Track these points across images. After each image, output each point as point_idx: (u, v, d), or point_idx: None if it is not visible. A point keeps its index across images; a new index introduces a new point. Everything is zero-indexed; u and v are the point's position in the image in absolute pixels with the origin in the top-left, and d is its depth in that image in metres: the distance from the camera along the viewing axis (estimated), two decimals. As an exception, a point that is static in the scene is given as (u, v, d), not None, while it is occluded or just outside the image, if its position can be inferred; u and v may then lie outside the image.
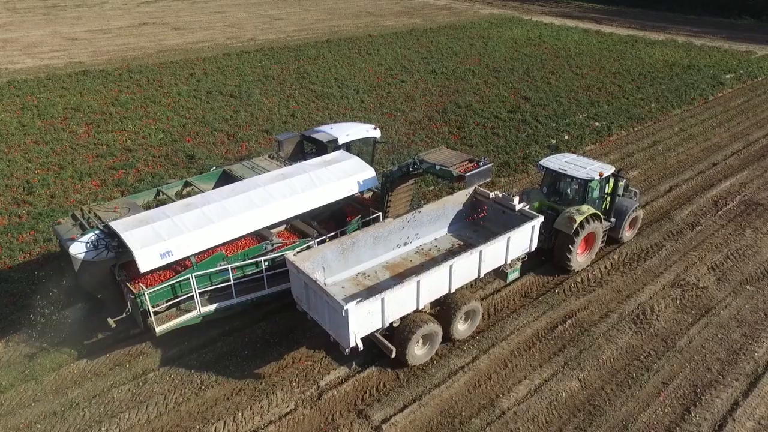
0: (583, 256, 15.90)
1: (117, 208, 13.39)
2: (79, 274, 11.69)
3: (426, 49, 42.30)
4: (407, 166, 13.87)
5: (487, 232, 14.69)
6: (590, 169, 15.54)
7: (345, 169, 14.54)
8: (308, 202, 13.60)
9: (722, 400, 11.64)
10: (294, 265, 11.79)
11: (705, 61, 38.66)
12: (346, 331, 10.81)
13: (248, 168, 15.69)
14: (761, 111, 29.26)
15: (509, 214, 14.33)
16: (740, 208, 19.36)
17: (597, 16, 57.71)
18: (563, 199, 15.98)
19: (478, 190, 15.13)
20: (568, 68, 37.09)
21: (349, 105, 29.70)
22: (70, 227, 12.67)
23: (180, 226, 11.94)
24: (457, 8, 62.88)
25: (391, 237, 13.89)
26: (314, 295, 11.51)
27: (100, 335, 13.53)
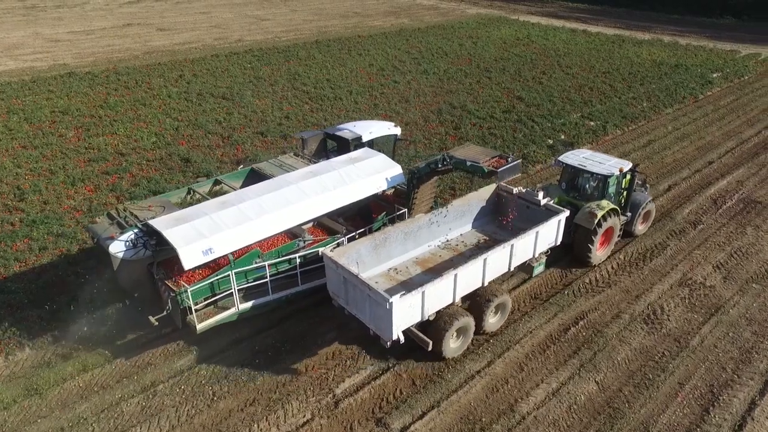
0: (602, 250, 16.12)
1: (151, 206, 13.37)
2: (118, 272, 11.82)
3: (416, 49, 42.19)
4: (435, 162, 14.17)
5: (511, 227, 15.06)
6: (609, 165, 15.81)
7: (373, 166, 14.76)
8: (340, 199, 13.76)
9: (740, 400, 11.67)
10: (332, 260, 11.97)
11: (692, 60, 39.13)
12: (389, 324, 11.03)
13: (276, 166, 15.84)
14: (750, 109, 29.66)
15: (533, 209, 14.67)
16: (739, 206, 19.55)
17: (582, 16, 58.16)
18: (582, 195, 16.16)
19: (502, 186, 15.47)
20: (558, 68, 37.25)
21: (343, 106, 29.45)
22: (107, 226, 12.65)
23: (219, 224, 12.00)
24: (443, 8, 62.91)
25: (420, 233, 14.19)
26: (354, 290, 11.68)
27: (103, 348, 13.13)
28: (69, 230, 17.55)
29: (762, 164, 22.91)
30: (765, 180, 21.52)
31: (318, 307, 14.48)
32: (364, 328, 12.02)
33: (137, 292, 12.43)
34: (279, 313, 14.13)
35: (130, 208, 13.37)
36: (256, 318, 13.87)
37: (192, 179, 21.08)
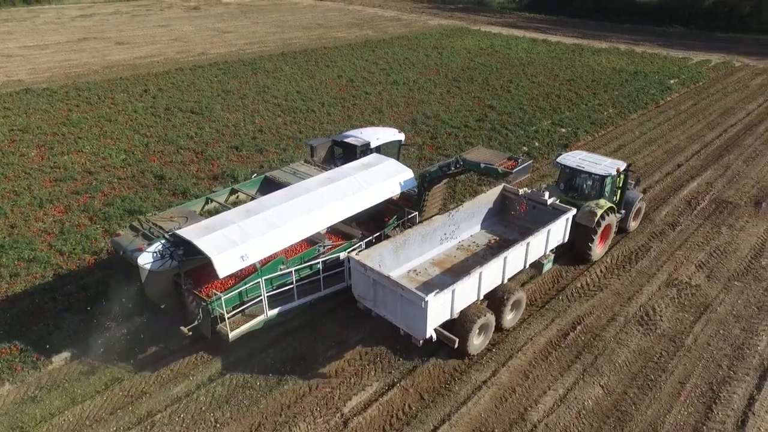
0: (601, 246, 16.75)
1: (173, 217, 13.36)
2: (146, 284, 11.84)
3: (383, 60, 42.35)
4: (448, 165, 14.67)
5: (517, 228, 15.83)
6: (605, 165, 16.47)
7: (386, 171, 15.12)
8: (359, 204, 14.01)
9: (739, 396, 11.98)
10: (360, 263, 12.34)
11: (649, 68, 40.64)
12: (423, 322, 11.43)
13: (290, 173, 16.11)
14: (709, 113, 30.95)
15: (540, 208, 15.35)
16: (712, 206, 20.27)
17: (541, 26, 59.71)
18: (580, 194, 16.69)
19: (507, 188, 16.25)
20: (524, 76, 38.03)
21: (316, 118, 29.20)
22: (132, 238, 12.53)
23: (248, 231, 12.07)
24: (405, 19, 63.50)
25: (435, 234, 14.71)
26: (384, 291, 12.02)
27: (92, 377, 12.45)
28: (42, 254, 16.64)
29: (727, 166, 23.87)
30: (732, 181, 22.41)
31: (313, 324, 14.19)
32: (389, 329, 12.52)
33: (164, 303, 12.39)
34: (274, 332, 13.76)
35: (152, 220, 13.26)
36: (251, 339, 13.46)
37: (168, 196, 20.45)
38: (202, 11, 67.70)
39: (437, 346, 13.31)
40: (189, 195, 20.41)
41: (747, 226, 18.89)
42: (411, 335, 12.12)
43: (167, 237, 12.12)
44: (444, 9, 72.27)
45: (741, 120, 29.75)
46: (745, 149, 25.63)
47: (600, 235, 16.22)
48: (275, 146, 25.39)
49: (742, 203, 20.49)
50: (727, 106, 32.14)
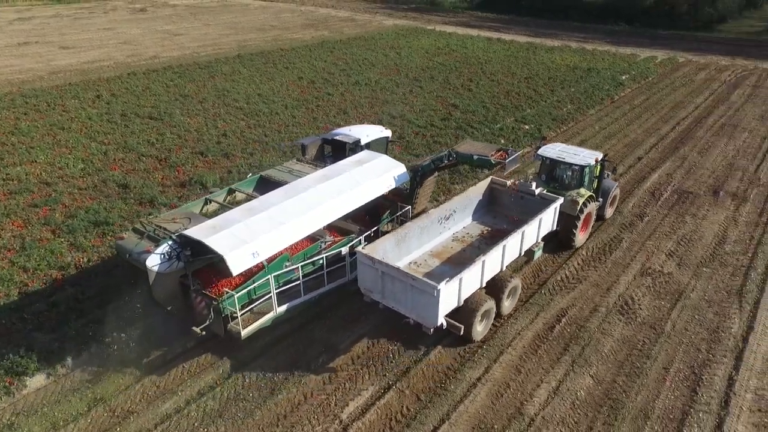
0: (583, 233, 17.50)
1: (176, 218, 13.28)
2: (154, 287, 11.78)
3: (342, 61, 42.14)
4: (440, 159, 15.31)
5: (506, 218, 16.42)
6: (584, 156, 17.16)
7: (380, 167, 15.43)
8: (358, 199, 14.25)
9: (720, 377, 12.51)
10: (369, 257, 12.55)
11: (601, 64, 42.02)
12: (435, 310, 11.77)
13: (285, 172, 16.23)
14: (662, 107, 32.27)
15: (528, 198, 15.99)
16: (674, 197, 21.13)
17: (494, 25, 60.81)
18: (561, 185, 17.24)
19: (495, 180, 16.89)
20: (483, 75, 38.62)
21: (281, 121, 28.75)
22: (137, 241, 12.40)
23: (255, 229, 12.12)
24: (360, 20, 63.40)
25: (432, 227, 15.09)
26: (393, 283, 12.26)
27: (73, 398, 11.84)
28: (3, 272, 15.69)
29: (683, 157, 24.93)
30: (689, 171, 23.43)
31: (301, 331, 13.97)
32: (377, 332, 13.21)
33: (170, 305, 12.30)
34: (262, 341, 13.47)
35: (155, 222, 13.12)
36: (240, 350, 13.14)
37: (134, 206, 19.71)
38: (149, 13, 65.59)
39: (429, 345, 13.36)
40: (157, 203, 19.74)
41: (708, 214, 19.78)
42: (421, 324, 12.36)
43: (174, 238, 12.03)
44: (397, 9, 72.58)
45: (691, 113, 31.15)
46: (698, 141, 26.84)
47: (582, 223, 16.92)
48: (241, 150, 24.85)
49: (702, 193, 21.45)
50: (677, 100, 33.60)
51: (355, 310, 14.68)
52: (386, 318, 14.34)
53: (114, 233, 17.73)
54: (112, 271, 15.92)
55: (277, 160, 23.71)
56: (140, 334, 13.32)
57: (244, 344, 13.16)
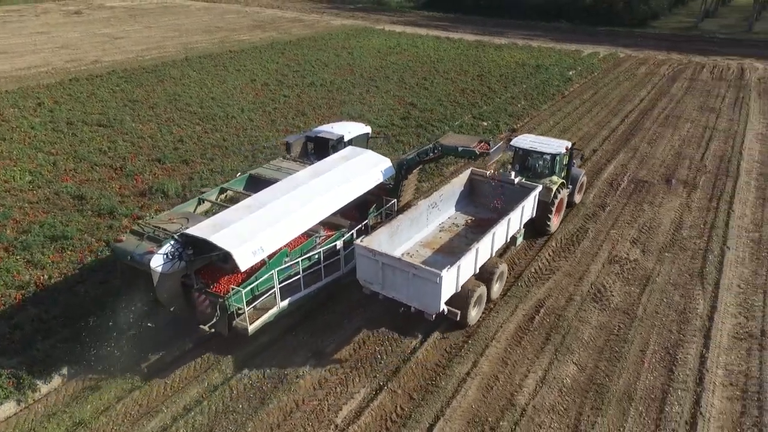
0: (556, 219, 18.30)
1: (173, 219, 13.14)
2: (158, 288, 11.65)
3: (294, 62, 41.68)
4: (425, 152, 15.92)
5: (487, 208, 17.04)
6: (555, 145, 17.90)
7: (368, 162, 15.84)
8: (349, 194, 14.59)
9: (692, 356, 13.15)
10: (368, 249, 12.92)
11: (548, 61, 43.30)
12: (437, 297, 12.23)
13: (274, 170, 16.37)
14: (609, 101, 33.59)
15: (508, 187, 16.72)
16: (631, 186, 22.04)
17: (441, 24, 61.60)
18: (534, 173, 17.91)
19: (475, 171, 17.54)
20: (436, 73, 39.06)
21: (238, 125, 28.14)
22: (137, 242, 12.15)
23: (257, 226, 12.25)
24: (307, 20, 62.85)
25: (421, 218, 15.65)
26: (394, 273, 12.64)
27: (46, 425, 11.19)
28: (-44, 294, 14.68)
29: (635, 148, 26.04)
30: (642, 162, 24.50)
31: (284, 337, 13.74)
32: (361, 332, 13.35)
33: (173, 305, 12.18)
34: (246, 350, 13.19)
35: (152, 223, 12.96)
36: (224, 360, 12.81)
37: (93, 218, 18.83)
38: (85, 16, 62.86)
39: (415, 343, 13.42)
40: (117, 214, 18.94)
41: (664, 202, 20.74)
42: (423, 311, 12.84)
43: (176, 238, 11.93)
44: (344, 9, 72.40)
45: (636, 106, 32.57)
46: (646, 132, 28.10)
47: (555, 209, 17.72)
48: (201, 156, 24.17)
49: (656, 181, 22.47)
50: (623, 94, 35.06)
51: (338, 313, 14.59)
52: (370, 319, 14.34)
53: (74, 248, 16.92)
54: (74, 288, 15.20)
55: (239, 164, 23.24)
56: (116, 350, 12.74)
57: (228, 354, 12.87)
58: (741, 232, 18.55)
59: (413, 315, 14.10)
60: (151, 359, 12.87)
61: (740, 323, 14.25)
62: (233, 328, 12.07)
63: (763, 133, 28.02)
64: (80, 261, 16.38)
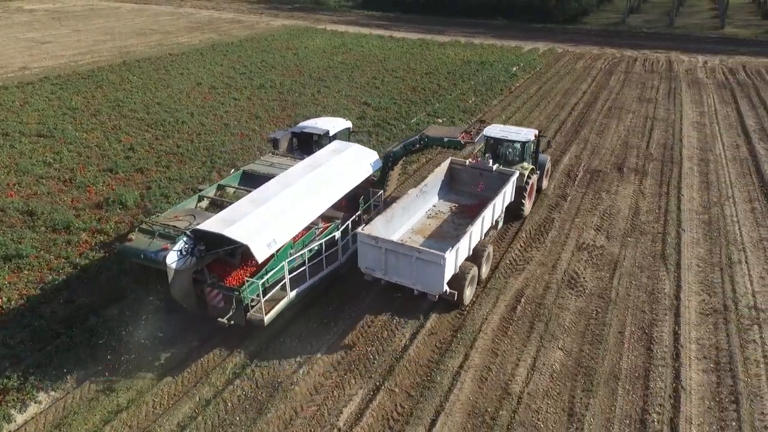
0: (529, 203, 19.37)
1: (178, 216, 13.33)
2: (173, 285, 11.80)
3: (239, 63, 40.77)
4: (412, 143, 17.23)
5: (468, 195, 18.19)
6: (524, 134, 18.99)
7: (357, 155, 16.59)
8: (345, 186, 15.25)
9: (666, 334, 13.90)
10: (371, 237, 13.60)
11: (491, 57, 44.41)
12: (441, 278, 13.01)
13: (267, 165, 16.66)
14: (554, 95, 34.86)
15: (486, 175, 17.85)
16: (587, 176, 23.00)
17: (382, 23, 61.88)
18: (505, 161, 18.92)
19: (455, 160, 18.57)
20: (385, 72, 39.25)
21: (191, 130, 27.26)
22: (148, 240, 12.25)
23: (266, 219, 12.67)
24: (246, 21, 61.55)
25: (411, 206, 16.47)
26: (397, 258, 13.36)
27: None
28: None
29: (585, 140, 27.18)
30: (594, 152, 25.61)
31: (271, 345, 13.47)
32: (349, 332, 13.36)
33: (185, 302, 12.36)
34: (236, 360, 12.85)
35: (159, 221, 13.09)
36: (212, 373, 12.43)
37: (47, 233, 17.79)
38: (4, 20, 58.93)
39: (405, 341, 13.49)
40: (74, 229, 17.95)
41: (619, 189, 21.77)
42: (426, 293, 13.64)
43: (189, 234, 12.11)
44: (282, 9, 71.41)
45: (580, 99, 33.98)
46: (593, 124, 29.37)
47: (528, 193, 18.78)
48: (155, 164, 23.23)
49: (608, 170, 23.55)
50: (566, 88, 36.47)
51: (323, 315, 14.44)
52: (355, 320, 14.28)
53: (32, 266, 15.91)
54: (38, 309, 14.31)
55: (197, 171, 22.55)
56: (96, 371, 12.10)
57: (215, 365, 12.49)
58: (692, 215, 19.76)
59: (399, 311, 14.16)
60: (134, 378, 12.29)
61: (704, 300, 15.19)
62: (248, 320, 12.39)
63: (698, 121, 29.94)
64: (40, 280, 15.42)
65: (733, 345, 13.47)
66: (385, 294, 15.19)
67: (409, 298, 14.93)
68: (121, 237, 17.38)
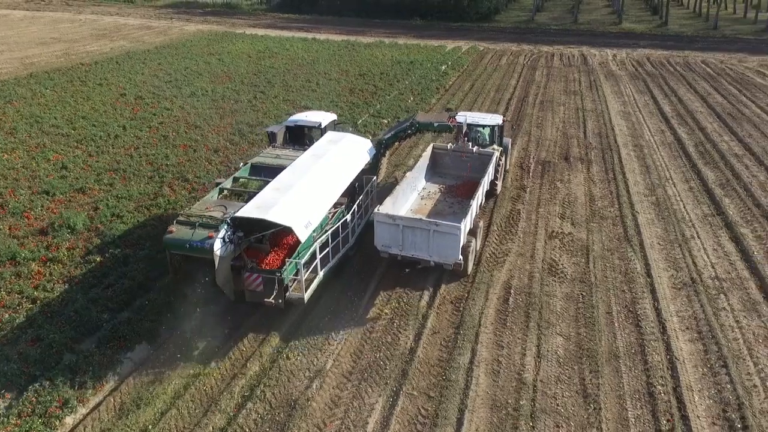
0: (500, 182, 20.84)
1: (209, 207, 13.85)
2: (218, 272, 12.44)
3: (162, 72, 38.75)
4: (404, 130, 18.83)
5: (453, 176, 19.66)
6: (492, 118, 21.00)
7: (354, 144, 17.79)
8: (351, 173, 16.39)
9: (649, 310, 14.79)
10: (388, 216, 14.92)
11: (419, 57, 45.17)
12: (456, 247, 14.46)
13: (272, 157, 17.53)
14: (488, 91, 36.05)
15: (467, 157, 19.42)
16: (539, 168, 23.99)
17: (301, 25, 61.12)
18: (476, 144, 20.26)
19: (437, 146, 20.21)
20: (318, 75, 38.79)
21: (127, 144, 25.52)
22: (190, 231, 12.67)
23: (296, 203, 13.58)
24: (157, 27, 58.51)
25: (408, 189, 17.84)
26: (413, 233, 14.65)
27: None
28: None
29: (527, 132, 28.34)
30: (539, 144, 26.75)
31: (275, 362, 12.92)
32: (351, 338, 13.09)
33: (226, 288, 12.97)
34: (242, 383, 12.19)
35: (194, 213, 13.48)
36: (222, 397, 11.71)
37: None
38: None
39: (410, 343, 13.41)
40: (20, 260, 16.26)
41: (571, 178, 22.91)
42: (443, 264, 15.01)
43: (228, 222, 12.77)
44: (193, 14, 68.67)
45: (513, 94, 35.38)
46: (531, 117, 30.68)
47: (499, 173, 20.42)
48: (96, 182, 21.51)
49: (557, 161, 24.71)
50: (497, 84, 37.83)
51: (322, 327, 14.04)
52: (355, 326, 14.01)
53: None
54: (3, 351, 12.81)
55: (145, 187, 21.16)
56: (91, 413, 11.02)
57: (221, 391, 11.79)
58: (641, 197, 21.18)
59: (397, 313, 14.10)
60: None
61: (673, 275, 16.33)
62: (288, 300, 13.22)
63: (623, 110, 32.15)
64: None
65: (708, 314, 14.58)
66: (380, 299, 15.07)
67: (403, 301, 14.93)
68: (78, 265, 16.04)
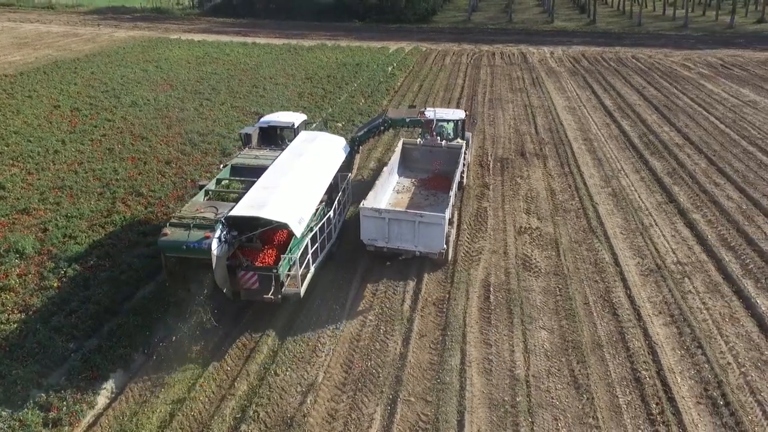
0: (465, 174, 21.52)
1: (199, 209, 13.74)
2: (216, 272, 12.45)
3: (97, 81, 36.84)
4: (376, 126, 19.89)
5: (423, 170, 20.47)
6: (456, 113, 21.81)
7: (330, 142, 18.37)
8: (331, 170, 16.73)
9: (623, 298, 15.31)
10: (374, 210, 15.47)
11: (364, 59, 45.08)
12: (441, 236, 15.13)
13: (251, 158, 17.56)
14: (437, 91, 36.45)
15: (436, 151, 20.28)
16: (497, 165, 24.43)
17: (238, 30, 59.69)
18: (442, 138, 20.84)
19: (406, 141, 21.09)
20: (263, 80, 37.98)
21: (70, 159, 24.02)
22: (185, 233, 12.56)
23: (286, 201, 13.84)
24: (84, 34, 55.53)
25: (386, 183, 18.52)
26: (399, 225, 15.17)
27: None
28: None
29: (481, 130, 28.83)
30: (494, 142, 27.27)
31: (263, 381, 12.45)
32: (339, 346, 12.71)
33: (225, 287, 12.96)
34: (232, 404, 11.65)
35: (186, 216, 13.36)
36: (213, 421, 11.16)
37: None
38: None
39: (399, 349, 13.29)
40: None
41: (529, 173, 23.48)
42: (428, 253, 15.58)
43: (223, 222, 12.80)
44: (122, 19, 65.70)
45: (462, 93, 35.96)
46: (482, 116, 31.26)
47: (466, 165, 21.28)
48: (40, 201, 20.08)
49: (513, 157, 25.27)
50: (444, 84, 38.33)
51: (307, 339, 13.68)
52: (341, 336, 13.75)
53: (-72, 345, 12.89)
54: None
55: (96, 204, 19.96)
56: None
57: (212, 413, 11.24)
58: (598, 189, 21.99)
59: (382, 319, 13.95)
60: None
61: (639, 263, 17.01)
62: (284, 295, 13.36)
63: (568, 105, 33.33)
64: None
65: (677, 298, 15.28)
66: (362, 303, 14.88)
67: (387, 305, 14.81)
68: (33, 292, 14.92)
